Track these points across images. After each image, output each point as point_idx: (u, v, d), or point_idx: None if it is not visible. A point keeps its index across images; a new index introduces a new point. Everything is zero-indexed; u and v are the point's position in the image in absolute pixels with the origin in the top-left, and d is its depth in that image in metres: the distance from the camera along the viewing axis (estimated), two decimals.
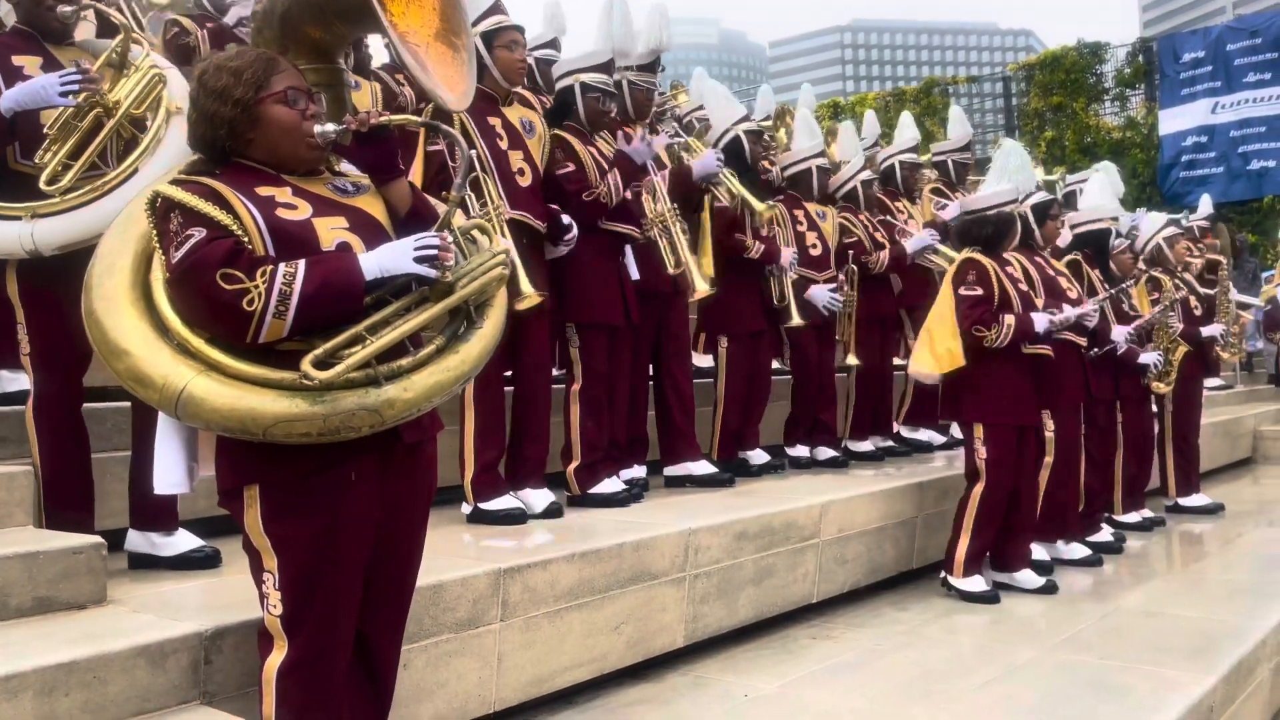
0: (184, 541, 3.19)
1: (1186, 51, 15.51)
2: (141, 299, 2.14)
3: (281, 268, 2.00)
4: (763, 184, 5.63)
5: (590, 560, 3.40)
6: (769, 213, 5.19)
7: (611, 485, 4.37)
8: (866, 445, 6.14)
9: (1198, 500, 6.95)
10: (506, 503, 3.94)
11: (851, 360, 5.94)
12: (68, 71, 3.00)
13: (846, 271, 5.85)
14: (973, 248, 4.80)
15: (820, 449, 5.80)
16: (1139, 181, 15.42)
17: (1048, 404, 4.92)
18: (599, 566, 3.42)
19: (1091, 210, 6.02)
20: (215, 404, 2.00)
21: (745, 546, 4.01)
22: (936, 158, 7.41)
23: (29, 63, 3.07)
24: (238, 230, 2.05)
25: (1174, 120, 15.46)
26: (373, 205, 2.29)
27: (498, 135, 4.00)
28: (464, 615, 2.99)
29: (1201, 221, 9.42)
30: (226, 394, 2.01)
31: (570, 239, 4.18)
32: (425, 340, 2.19)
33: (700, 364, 5.74)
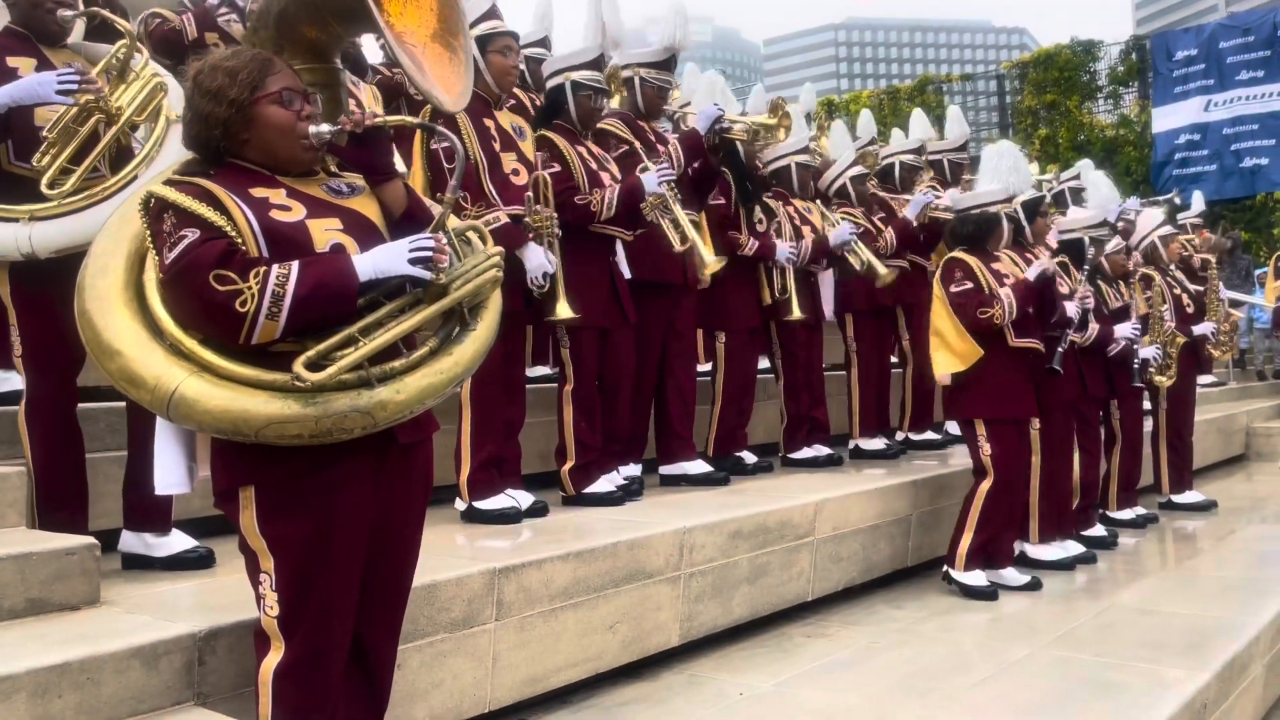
0: (178, 542, 3.19)
1: (1179, 49, 15.54)
2: (134, 300, 2.13)
3: (275, 269, 2.00)
4: (759, 181, 5.64)
5: (585, 559, 3.40)
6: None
7: (606, 485, 4.36)
8: (878, 443, 6.12)
9: (1191, 497, 6.97)
10: (501, 502, 3.93)
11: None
12: (66, 70, 2.99)
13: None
14: (960, 247, 4.86)
15: (818, 446, 5.76)
16: (1132, 179, 15.45)
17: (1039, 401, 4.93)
18: (594, 566, 3.42)
19: (1075, 219, 5.93)
20: (207, 405, 2.00)
21: (740, 545, 4.01)
22: (932, 157, 7.41)
23: (23, 64, 3.07)
24: (231, 232, 2.04)
25: (1167, 118, 15.50)
26: (367, 206, 2.28)
27: (492, 137, 3.99)
28: (459, 615, 2.99)
29: (1194, 219, 9.44)
30: (219, 395, 2.00)
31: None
32: (419, 342, 2.19)
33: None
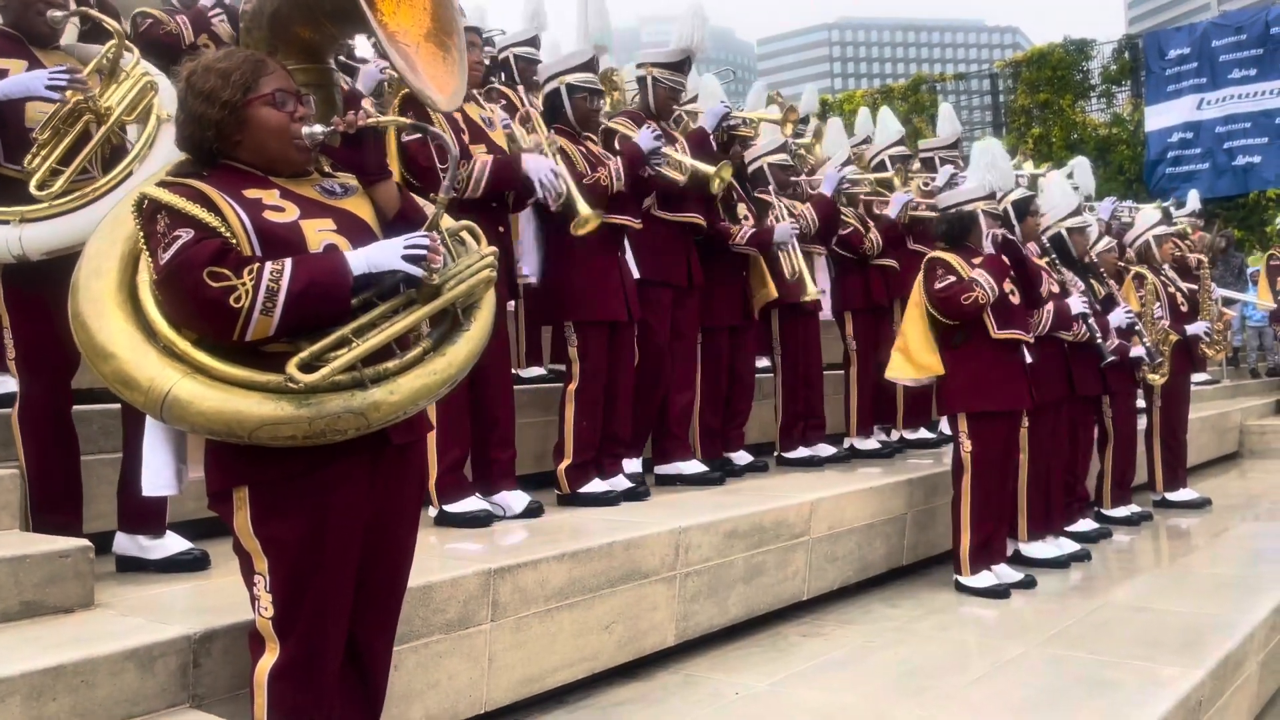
0: (172, 544, 3.18)
1: (1172, 48, 15.57)
2: (128, 301, 2.13)
3: (269, 265, 2.00)
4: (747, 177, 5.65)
5: (580, 560, 3.40)
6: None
7: (602, 485, 4.35)
8: (872, 443, 6.12)
9: (1185, 495, 6.98)
10: (472, 505, 3.87)
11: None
12: (57, 69, 2.99)
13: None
14: (940, 246, 4.88)
15: (820, 446, 5.76)
16: (1125, 178, 15.50)
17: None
18: (589, 566, 3.42)
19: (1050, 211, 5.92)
20: (201, 407, 2.00)
21: (735, 545, 4.01)
22: (924, 154, 7.43)
23: (14, 66, 3.06)
24: (225, 232, 2.04)
25: (1160, 117, 15.53)
26: (360, 207, 2.28)
27: (460, 129, 3.94)
28: (454, 616, 2.99)
29: (1189, 217, 9.45)
30: (212, 397, 2.00)
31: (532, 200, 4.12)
32: (412, 343, 2.18)
33: None
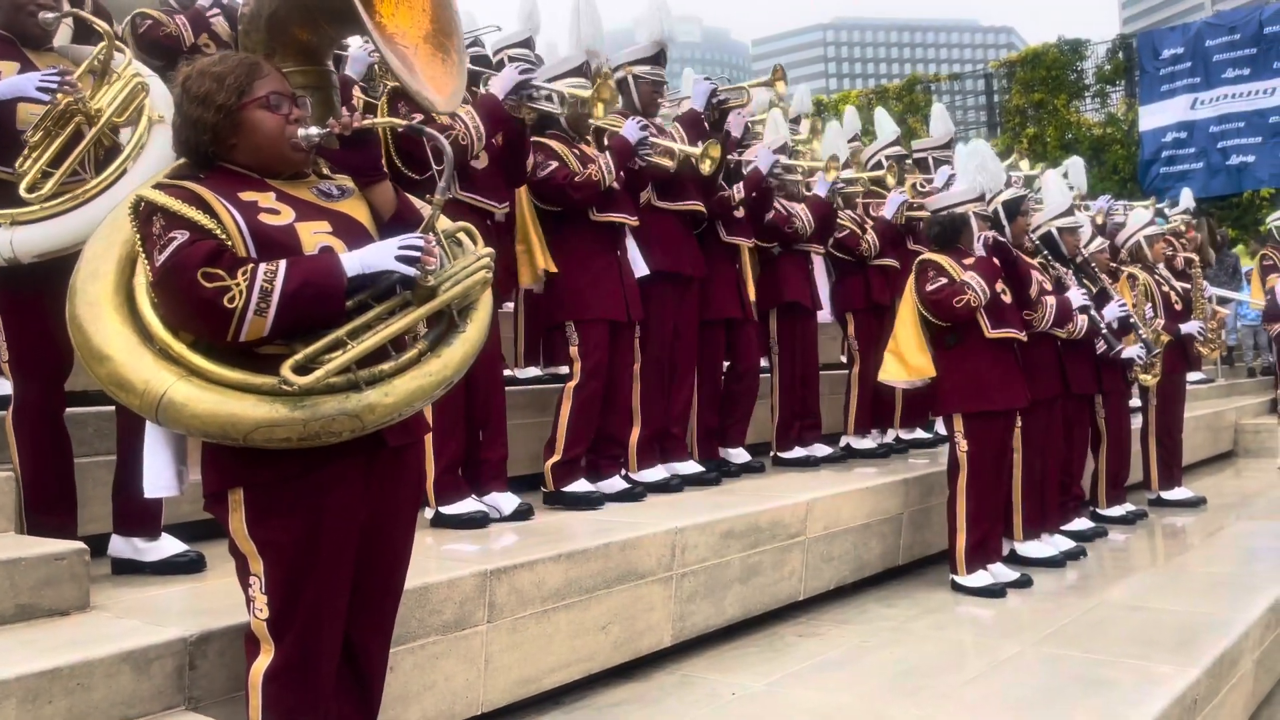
0: (167, 546, 3.17)
1: (1166, 48, 15.59)
2: (125, 304, 2.13)
3: (263, 266, 2.00)
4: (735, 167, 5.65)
5: (577, 560, 3.40)
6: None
7: (586, 486, 4.31)
8: (868, 442, 6.12)
9: (1180, 493, 7.00)
10: (469, 506, 3.87)
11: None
12: (49, 71, 2.99)
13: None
14: (931, 248, 4.91)
15: (816, 446, 5.77)
16: (1120, 178, 15.50)
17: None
18: (585, 567, 3.42)
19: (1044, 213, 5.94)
20: (195, 409, 2.00)
21: (732, 545, 4.01)
22: (918, 154, 7.44)
23: (7, 68, 3.05)
24: (220, 234, 2.04)
25: (1154, 116, 15.54)
26: (356, 209, 2.28)
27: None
28: (451, 617, 2.99)
29: (1183, 216, 9.47)
30: (207, 399, 2.00)
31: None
32: (408, 344, 2.18)
33: None
